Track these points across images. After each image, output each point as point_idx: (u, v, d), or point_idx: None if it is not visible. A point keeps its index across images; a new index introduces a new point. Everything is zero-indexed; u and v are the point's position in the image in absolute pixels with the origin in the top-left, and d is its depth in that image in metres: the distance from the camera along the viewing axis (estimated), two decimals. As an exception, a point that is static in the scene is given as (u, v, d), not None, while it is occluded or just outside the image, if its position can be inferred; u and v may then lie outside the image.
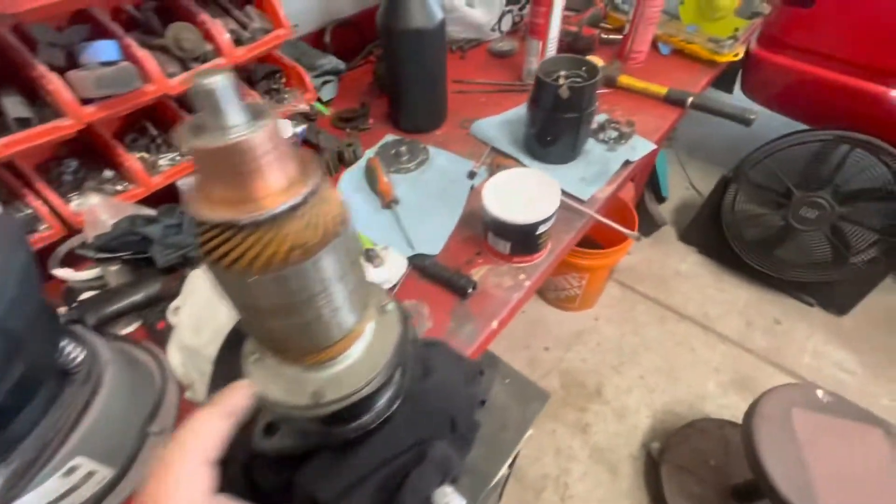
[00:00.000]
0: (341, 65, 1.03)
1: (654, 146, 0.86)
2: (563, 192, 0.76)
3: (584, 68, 0.78)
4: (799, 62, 1.54)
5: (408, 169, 0.84)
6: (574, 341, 1.62)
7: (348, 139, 0.85)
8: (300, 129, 0.83)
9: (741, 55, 1.04)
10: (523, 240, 0.63)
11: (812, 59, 1.50)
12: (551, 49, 0.97)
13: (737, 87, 1.79)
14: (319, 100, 1.00)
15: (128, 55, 0.59)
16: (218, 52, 0.65)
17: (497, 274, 0.67)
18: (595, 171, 0.81)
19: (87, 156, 0.68)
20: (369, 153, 0.86)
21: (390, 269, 0.63)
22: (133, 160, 0.64)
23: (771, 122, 1.67)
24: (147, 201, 0.69)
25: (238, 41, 0.68)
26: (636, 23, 1.01)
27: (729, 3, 1.05)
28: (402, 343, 0.30)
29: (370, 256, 0.63)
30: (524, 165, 0.83)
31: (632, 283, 1.78)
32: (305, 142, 0.87)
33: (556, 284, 1.61)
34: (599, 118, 0.91)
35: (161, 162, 0.69)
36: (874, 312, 1.63)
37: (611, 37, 1.16)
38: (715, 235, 1.74)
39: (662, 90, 0.96)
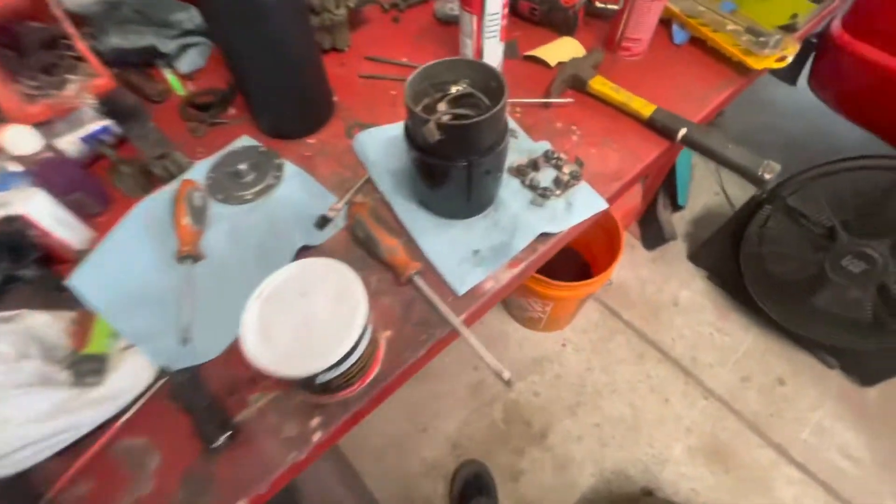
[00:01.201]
0: (211, 22, 0.75)
1: (603, 205, 0.57)
2: (436, 275, 0.52)
3: (493, 83, 0.48)
4: (893, 56, 1.12)
5: (242, 198, 0.60)
6: (532, 369, 1.40)
7: (165, 148, 0.61)
8: (94, 128, 0.59)
9: (789, 58, 0.69)
10: (303, 385, 0.40)
11: (915, 54, 1.08)
12: (492, 29, 0.66)
13: (803, 79, 1.36)
14: (176, 73, 0.74)
15: None
16: None
17: (282, 410, 0.45)
18: (499, 242, 0.54)
19: None
20: (198, 168, 0.62)
21: (110, 395, 0.42)
22: None
23: (849, 134, 1.29)
24: None
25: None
26: (633, -4, 0.67)
27: (791, -28, 0.68)
28: None
29: (80, 370, 0.42)
30: (396, 216, 0.57)
31: (617, 306, 1.51)
32: (121, 143, 0.63)
33: (519, 303, 1.37)
34: (536, 147, 0.62)
35: None
36: (910, 391, 1.31)
37: (609, 7, 0.81)
38: (732, 263, 1.42)
39: (647, 109, 0.64)
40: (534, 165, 0.59)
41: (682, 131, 0.61)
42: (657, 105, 0.64)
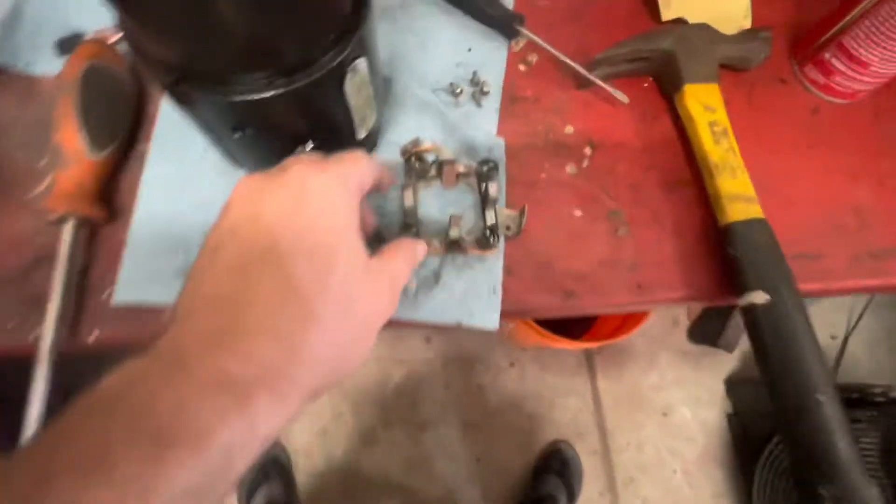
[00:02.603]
0: None
1: (491, 323, 0.28)
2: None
3: None
4: None
5: None
6: (461, 364, 1.18)
7: None
8: None
9: None
10: None
11: None
12: None
13: None
14: None
15: None
16: None
17: None
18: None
19: None
20: None
21: None
22: None
23: None
24: None
25: None
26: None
27: None
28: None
29: None
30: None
31: (601, 368, 1.20)
32: None
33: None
34: (482, 140, 0.31)
35: None
36: None
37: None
38: (765, 420, 1.06)
39: (741, 210, 0.29)
40: (438, 168, 0.30)
41: (755, 297, 0.27)
42: (763, 208, 0.29)
